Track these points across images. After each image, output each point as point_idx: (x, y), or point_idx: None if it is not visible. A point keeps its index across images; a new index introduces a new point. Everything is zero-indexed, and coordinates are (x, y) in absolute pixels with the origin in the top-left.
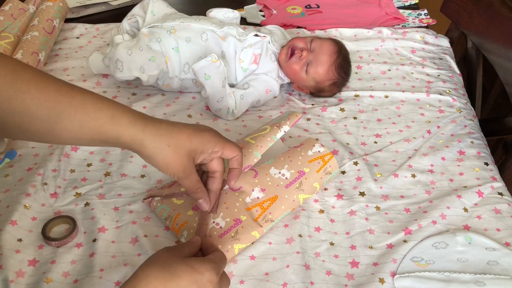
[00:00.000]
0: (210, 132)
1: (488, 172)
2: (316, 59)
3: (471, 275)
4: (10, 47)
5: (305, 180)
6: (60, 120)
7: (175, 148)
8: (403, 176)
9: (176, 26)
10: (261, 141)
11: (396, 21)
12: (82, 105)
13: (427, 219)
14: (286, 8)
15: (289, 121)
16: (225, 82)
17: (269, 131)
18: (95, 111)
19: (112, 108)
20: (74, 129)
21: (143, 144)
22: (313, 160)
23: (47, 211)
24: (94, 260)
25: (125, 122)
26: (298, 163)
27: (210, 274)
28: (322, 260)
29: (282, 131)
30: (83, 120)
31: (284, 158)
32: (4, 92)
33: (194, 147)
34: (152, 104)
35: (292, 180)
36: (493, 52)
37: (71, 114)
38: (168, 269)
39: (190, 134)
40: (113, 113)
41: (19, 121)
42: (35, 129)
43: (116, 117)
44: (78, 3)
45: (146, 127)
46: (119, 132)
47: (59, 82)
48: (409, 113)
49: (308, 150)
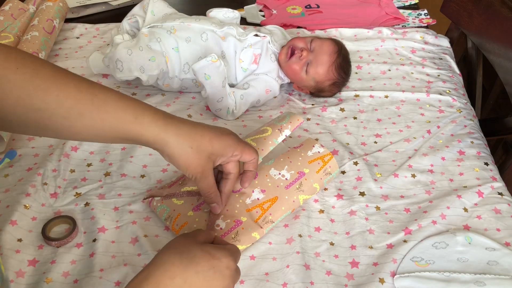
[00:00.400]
0: (231, 136)
1: (488, 172)
2: (316, 59)
3: (471, 275)
4: None
5: (305, 180)
6: (81, 118)
7: (197, 151)
8: (403, 176)
9: (176, 26)
10: (262, 144)
11: (396, 21)
12: (104, 103)
13: (427, 219)
14: (286, 8)
15: (291, 125)
16: (225, 82)
17: (271, 134)
18: (117, 110)
19: (134, 107)
20: (96, 127)
21: (166, 143)
22: (313, 161)
23: (47, 211)
24: (94, 260)
25: (147, 121)
26: (298, 164)
27: (228, 261)
28: (322, 260)
29: (284, 135)
30: (105, 119)
31: (284, 159)
32: (24, 89)
33: (215, 151)
34: (152, 104)
35: (292, 181)
36: (493, 52)
37: (93, 113)
38: (186, 254)
39: (212, 137)
40: (135, 112)
41: (39, 117)
42: (55, 126)
43: (138, 116)
44: (78, 3)
45: (168, 126)
46: (141, 132)
47: (78, 79)
48: (409, 113)
49: (308, 151)
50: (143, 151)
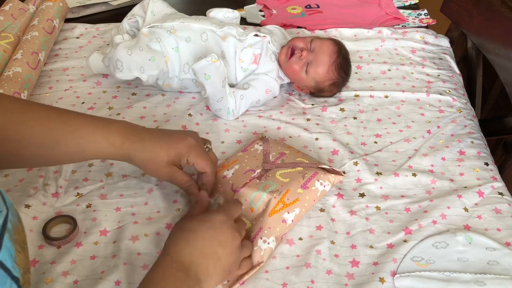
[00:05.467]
0: (186, 144)
1: (488, 172)
2: (316, 59)
3: (471, 275)
4: (10, 47)
5: (303, 211)
6: (56, 145)
7: (156, 162)
8: (403, 176)
9: (176, 26)
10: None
11: (396, 21)
12: (77, 129)
13: (427, 219)
14: (286, 8)
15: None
16: (225, 82)
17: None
18: (90, 135)
19: (105, 130)
20: (71, 152)
21: (133, 158)
22: (319, 198)
23: (48, 211)
24: (94, 260)
25: (118, 142)
26: (305, 204)
27: (219, 216)
28: (323, 259)
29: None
30: (80, 143)
31: (296, 203)
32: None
33: (171, 159)
34: (152, 104)
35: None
36: (493, 52)
37: (68, 139)
38: (185, 228)
39: (168, 148)
40: (107, 134)
41: (13, 148)
42: (30, 155)
43: (110, 138)
44: (78, 3)
45: (135, 144)
46: (113, 152)
47: (48, 108)
48: (409, 113)
49: (317, 194)
50: None
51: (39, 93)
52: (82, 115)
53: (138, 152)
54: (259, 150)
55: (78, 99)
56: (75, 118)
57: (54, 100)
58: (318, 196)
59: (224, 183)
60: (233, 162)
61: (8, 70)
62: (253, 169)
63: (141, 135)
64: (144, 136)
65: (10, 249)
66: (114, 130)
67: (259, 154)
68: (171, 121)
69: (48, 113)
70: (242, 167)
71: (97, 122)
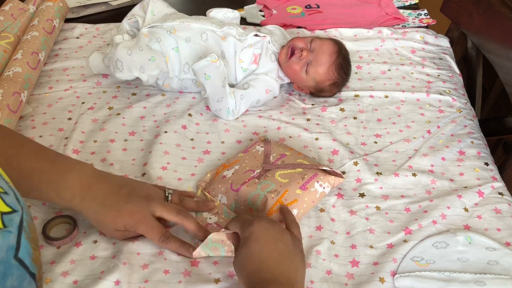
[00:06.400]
0: (134, 218)
1: (488, 172)
2: (316, 59)
3: (471, 274)
4: (10, 47)
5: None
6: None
7: (104, 225)
8: (403, 176)
9: (176, 26)
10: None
11: (396, 21)
12: (29, 176)
13: (427, 219)
14: (286, 8)
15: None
16: (225, 82)
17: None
18: (41, 185)
19: (55, 183)
20: (24, 195)
21: (83, 215)
22: (319, 200)
23: (48, 211)
24: (94, 260)
25: (68, 197)
26: (303, 206)
27: (258, 224)
28: (323, 259)
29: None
30: (28, 189)
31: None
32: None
33: (117, 227)
34: (152, 104)
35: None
36: (493, 52)
37: (21, 184)
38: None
39: (115, 216)
40: (57, 188)
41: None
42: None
43: (60, 193)
44: (78, 3)
45: (84, 202)
46: (63, 204)
47: (6, 148)
48: (409, 113)
49: (316, 195)
50: (144, 152)
51: (39, 93)
52: (42, 157)
53: (86, 211)
54: (260, 151)
55: (78, 99)
56: (32, 162)
57: (54, 100)
58: (317, 198)
59: (224, 182)
60: (234, 162)
61: (8, 70)
62: (253, 169)
63: (94, 194)
64: (96, 196)
65: (27, 247)
66: (69, 183)
67: (260, 155)
68: (171, 121)
69: (6, 152)
70: (242, 167)
71: (52, 171)
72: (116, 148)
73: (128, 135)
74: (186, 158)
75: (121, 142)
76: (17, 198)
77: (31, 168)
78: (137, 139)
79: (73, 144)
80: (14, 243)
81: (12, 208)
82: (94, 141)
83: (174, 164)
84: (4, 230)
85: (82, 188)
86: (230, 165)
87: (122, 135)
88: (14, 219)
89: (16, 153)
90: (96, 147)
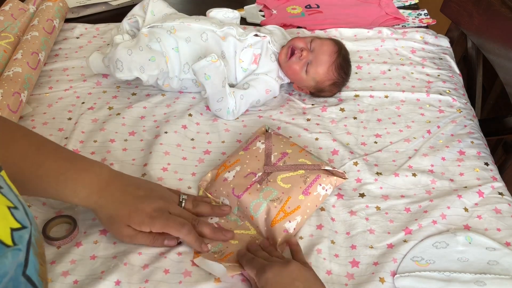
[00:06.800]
0: (150, 216)
1: (488, 172)
2: (316, 59)
3: (471, 274)
4: (10, 47)
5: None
6: (24, 185)
7: (115, 222)
8: (403, 176)
9: (176, 26)
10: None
11: (396, 21)
12: (46, 175)
13: (427, 219)
14: (286, 8)
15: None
16: (225, 82)
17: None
18: (58, 184)
19: (73, 181)
20: (38, 193)
21: (96, 213)
22: (321, 202)
23: (48, 211)
24: (94, 260)
25: (84, 195)
26: (307, 211)
27: (294, 266)
28: (323, 258)
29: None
30: (47, 189)
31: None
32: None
33: (132, 223)
34: (152, 104)
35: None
36: (493, 52)
37: (37, 183)
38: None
39: (132, 211)
40: (74, 187)
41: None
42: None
43: (77, 191)
44: (78, 3)
45: (101, 199)
46: (78, 202)
47: (28, 144)
48: (409, 113)
49: (319, 199)
50: (144, 152)
51: (39, 93)
52: (60, 156)
53: (101, 208)
54: (261, 149)
55: (78, 99)
56: (50, 162)
57: (54, 100)
58: (320, 201)
59: (225, 186)
60: (234, 162)
61: (8, 70)
62: (254, 172)
63: (112, 191)
64: (114, 193)
65: (34, 263)
66: (87, 182)
67: (261, 154)
68: (171, 121)
69: (25, 151)
70: (243, 169)
71: (69, 172)
72: (116, 148)
73: (128, 135)
74: (186, 158)
75: (121, 142)
76: (26, 213)
77: (50, 166)
78: (137, 139)
79: (73, 144)
80: (22, 260)
81: (22, 224)
82: (94, 141)
83: (175, 165)
84: (14, 248)
85: (99, 186)
86: (231, 166)
87: (122, 135)
88: (23, 236)
89: (35, 152)
90: (96, 147)
